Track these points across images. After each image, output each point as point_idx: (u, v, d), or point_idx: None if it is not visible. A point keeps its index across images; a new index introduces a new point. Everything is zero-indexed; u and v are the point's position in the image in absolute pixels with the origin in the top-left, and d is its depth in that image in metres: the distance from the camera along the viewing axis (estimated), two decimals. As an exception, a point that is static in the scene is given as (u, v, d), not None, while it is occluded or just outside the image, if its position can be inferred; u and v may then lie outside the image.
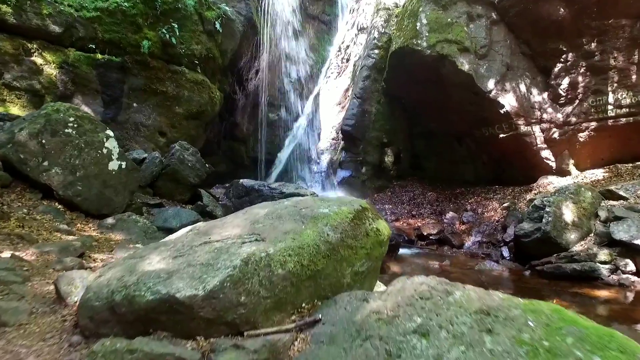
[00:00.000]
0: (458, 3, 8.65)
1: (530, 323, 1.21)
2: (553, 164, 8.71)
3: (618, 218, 5.49)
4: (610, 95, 8.03)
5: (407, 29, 9.03)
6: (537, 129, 8.59)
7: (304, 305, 1.78)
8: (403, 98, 10.77)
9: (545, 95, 8.57)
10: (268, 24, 10.32)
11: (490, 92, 8.38)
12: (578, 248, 5.56)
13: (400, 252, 6.83)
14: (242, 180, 6.61)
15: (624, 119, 7.97)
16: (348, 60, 14.21)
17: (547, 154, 8.67)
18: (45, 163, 4.14)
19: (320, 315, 1.66)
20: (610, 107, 8.04)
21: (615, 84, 7.95)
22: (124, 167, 4.70)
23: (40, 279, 2.44)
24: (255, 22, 9.53)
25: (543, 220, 5.76)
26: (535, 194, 8.00)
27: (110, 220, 4.30)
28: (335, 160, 11.76)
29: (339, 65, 14.49)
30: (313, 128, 12.45)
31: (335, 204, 2.22)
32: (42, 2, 6.13)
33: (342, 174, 10.99)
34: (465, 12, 8.58)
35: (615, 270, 5.12)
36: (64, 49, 6.47)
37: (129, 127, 7.14)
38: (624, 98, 7.92)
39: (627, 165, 7.98)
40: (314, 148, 12.40)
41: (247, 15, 9.07)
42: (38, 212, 3.94)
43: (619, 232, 5.27)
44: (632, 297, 4.67)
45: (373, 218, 2.27)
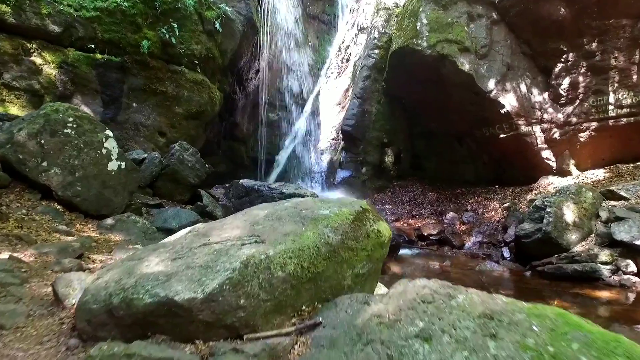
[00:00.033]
0: (458, 3, 8.63)
1: (535, 328, 1.19)
2: (554, 164, 8.69)
3: (619, 218, 5.48)
4: (611, 95, 8.01)
5: (407, 29, 9.01)
6: (537, 129, 8.56)
7: (304, 308, 1.76)
8: (403, 98, 10.75)
9: (546, 95, 8.54)
10: (268, 28, 10.25)
11: (491, 92, 8.35)
12: (579, 249, 5.54)
13: (401, 252, 6.82)
14: (242, 181, 6.60)
15: (625, 119, 7.95)
16: (348, 60, 14.18)
17: (547, 154, 8.65)
18: (45, 163, 4.13)
19: (321, 319, 1.64)
20: (611, 107, 8.02)
21: (616, 84, 7.94)
22: (124, 167, 4.68)
23: (39, 281, 2.43)
24: (255, 22, 9.51)
25: (544, 221, 5.74)
26: (536, 194, 7.97)
27: (110, 221, 4.29)
28: (336, 161, 11.73)
29: (339, 65, 14.46)
30: (313, 129, 12.43)
31: (336, 205, 2.20)
32: (41, 1, 6.11)
33: (342, 174, 10.96)
34: (466, 12, 8.56)
35: (617, 271, 5.10)
36: (64, 49, 6.46)
37: (129, 127, 7.12)
38: (625, 98, 7.91)
39: (627, 166, 7.96)
40: (314, 148, 12.38)
41: (247, 15, 9.05)
42: (37, 212, 3.93)
43: (620, 232, 5.25)
44: (633, 298, 4.65)
45: (374, 219, 2.25)
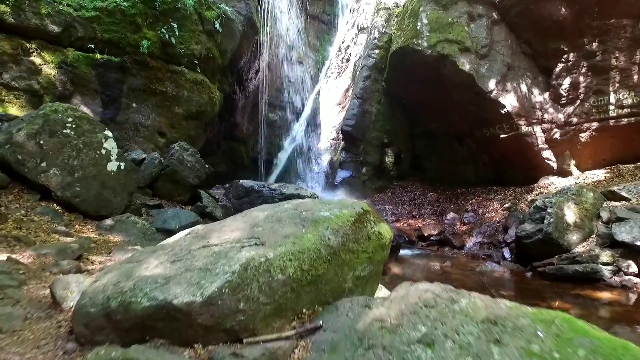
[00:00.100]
0: (459, 3, 8.61)
1: (540, 333, 1.17)
2: (554, 165, 8.67)
3: (620, 219, 5.45)
4: (612, 96, 7.99)
5: (407, 29, 8.99)
6: (538, 129, 8.55)
7: (305, 311, 1.73)
8: (403, 98, 10.73)
9: (547, 96, 8.53)
10: (268, 28, 10.20)
11: (491, 92, 8.34)
12: (580, 249, 5.51)
13: (401, 253, 6.80)
14: (241, 181, 6.58)
15: (626, 119, 7.94)
16: (348, 60, 14.17)
17: (548, 155, 8.63)
18: (44, 164, 4.11)
19: (321, 322, 1.62)
20: (612, 107, 8.01)
21: (617, 84, 7.92)
22: (123, 167, 4.66)
23: (37, 283, 2.40)
24: (255, 22, 9.48)
25: (545, 221, 5.72)
26: (537, 195, 7.95)
27: (109, 222, 4.27)
28: (336, 161, 11.72)
29: (339, 65, 14.45)
30: (313, 129, 12.41)
31: (337, 207, 2.18)
32: (40, 1, 6.09)
33: (342, 174, 10.94)
34: (466, 11, 8.54)
35: (618, 272, 5.08)
36: (63, 49, 6.43)
37: (128, 127, 7.09)
38: (626, 98, 7.89)
39: (628, 166, 7.94)
40: (314, 149, 12.36)
41: (247, 15, 9.03)
42: (36, 213, 3.90)
43: (621, 233, 5.23)
44: (634, 298, 4.63)
45: (375, 221, 2.22)
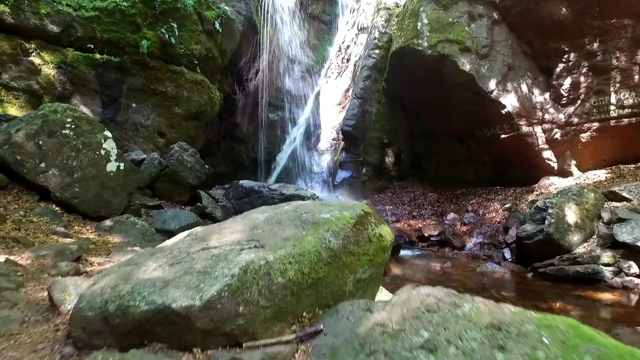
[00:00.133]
0: (459, 3, 8.59)
1: (545, 340, 1.15)
2: (555, 165, 8.65)
3: (621, 220, 5.43)
4: (613, 96, 7.97)
5: (407, 29, 8.97)
6: (538, 130, 8.52)
7: (305, 315, 1.71)
8: (404, 98, 10.71)
9: (547, 96, 8.51)
10: (268, 28, 10.21)
11: (492, 92, 8.32)
12: (581, 250, 5.50)
13: (402, 253, 6.79)
14: (241, 182, 6.56)
15: (627, 120, 7.92)
16: (348, 60, 14.13)
17: (548, 155, 8.61)
18: (43, 164, 4.09)
19: (322, 326, 1.60)
20: (613, 107, 7.99)
21: (618, 84, 7.90)
22: (122, 168, 4.65)
23: (35, 285, 2.38)
24: (255, 22, 9.47)
25: (545, 222, 5.70)
26: (537, 195, 7.93)
27: (108, 223, 4.25)
28: (336, 161, 11.70)
29: (339, 65, 14.42)
30: (313, 129, 12.40)
31: (337, 209, 2.16)
32: (40, 1, 6.07)
33: (342, 175, 10.92)
34: (467, 11, 8.52)
35: (619, 273, 5.06)
36: (62, 49, 6.42)
37: (128, 127, 7.07)
38: (627, 98, 7.87)
39: (629, 166, 7.92)
40: (314, 149, 12.34)
41: (247, 15, 9.01)
42: (35, 214, 3.88)
43: (623, 234, 5.21)
44: (635, 299, 4.61)
45: (376, 223, 2.20)
